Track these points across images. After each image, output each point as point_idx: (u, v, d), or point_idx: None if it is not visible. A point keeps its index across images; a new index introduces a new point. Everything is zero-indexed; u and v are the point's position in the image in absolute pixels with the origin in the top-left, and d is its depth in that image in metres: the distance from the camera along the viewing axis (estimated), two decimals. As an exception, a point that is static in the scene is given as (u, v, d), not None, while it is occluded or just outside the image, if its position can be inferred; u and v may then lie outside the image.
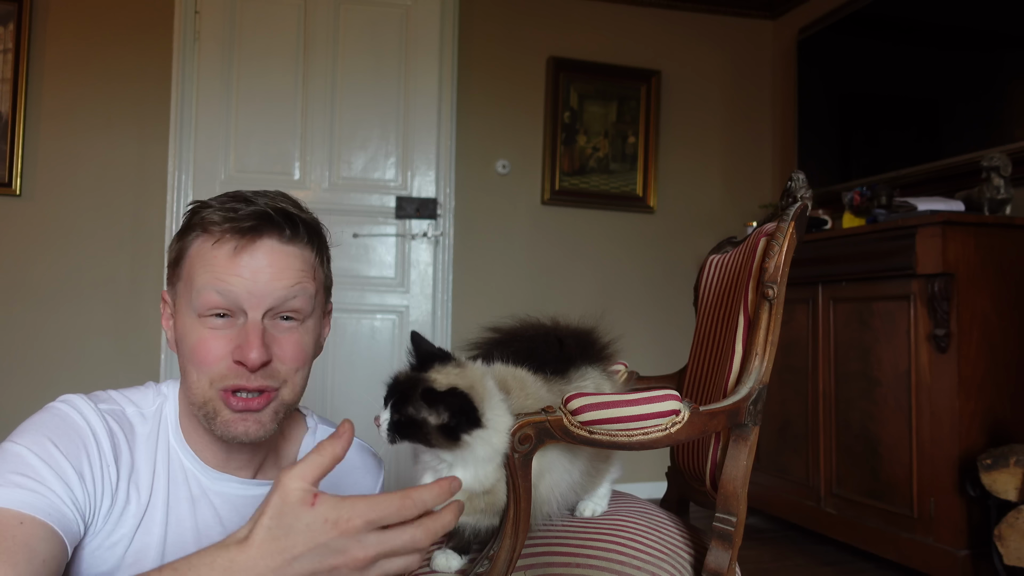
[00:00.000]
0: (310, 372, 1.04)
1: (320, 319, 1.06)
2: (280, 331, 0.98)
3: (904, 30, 3.16)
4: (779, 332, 1.06)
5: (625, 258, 3.70)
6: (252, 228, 0.96)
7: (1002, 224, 2.40)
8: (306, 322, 1.00)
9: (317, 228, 1.05)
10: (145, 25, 3.13)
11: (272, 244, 0.97)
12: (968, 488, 2.22)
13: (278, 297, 0.96)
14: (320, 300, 1.04)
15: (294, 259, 0.98)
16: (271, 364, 0.96)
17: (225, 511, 1.04)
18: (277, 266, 0.96)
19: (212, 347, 0.95)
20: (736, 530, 1.02)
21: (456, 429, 0.86)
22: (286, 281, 0.97)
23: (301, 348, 0.99)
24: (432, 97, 3.25)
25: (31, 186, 3.02)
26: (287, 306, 0.97)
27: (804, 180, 1.13)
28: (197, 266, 0.97)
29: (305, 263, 0.99)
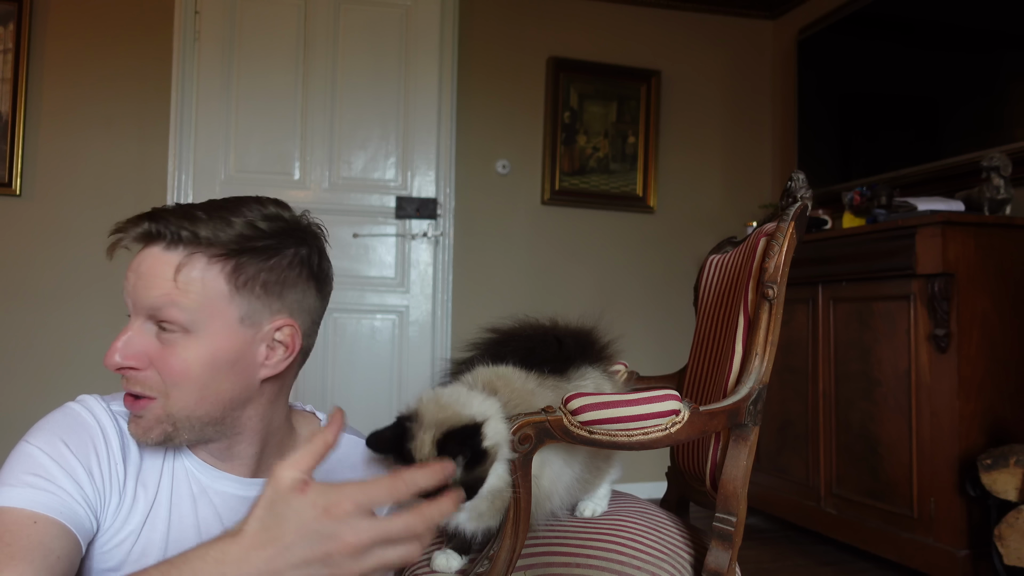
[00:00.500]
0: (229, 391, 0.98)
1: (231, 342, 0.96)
2: (163, 341, 0.95)
3: (904, 30, 3.16)
4: (779, 332, 1.06)
5: (625, 258, 3.70)
6: (139, 236, 0.97)
7: (1002, 224, 2.40)
8: (195, 337, 0.94)
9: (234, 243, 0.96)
10: (145, 25, 3.13)
11: (155, 251, 0.96)
12: (968, 488, 2.22)
13: (148, 304, 0.94)
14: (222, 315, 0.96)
15: (170, 270, 0.94)
16: (141, 371, 0.94)
17: (224, 509, 1.04)
18: (152, 273, 0.95)
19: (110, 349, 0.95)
20: (736, 530, 1.02)
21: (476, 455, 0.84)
22: (156, 289, 0.94)
23: (180, 361, 0.94)
24: (432, 97, 3.25)
25: (31, 186, 3.02)
26: (160, 314, 0.94)
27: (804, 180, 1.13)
28: None
29: (183, 277, 0.94)
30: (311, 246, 1.04)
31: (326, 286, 1.07)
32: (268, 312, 0.99)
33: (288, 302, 1.01)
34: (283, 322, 1.00)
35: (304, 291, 1.03)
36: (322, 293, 1.07)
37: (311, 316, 1.05)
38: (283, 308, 1.00)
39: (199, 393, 0.95)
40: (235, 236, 0.97)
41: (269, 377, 1.01)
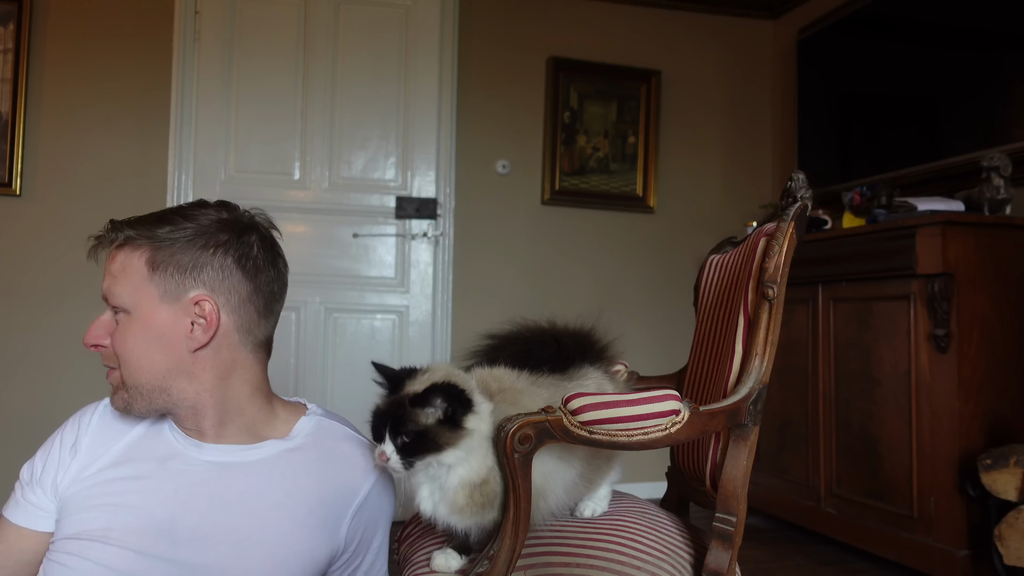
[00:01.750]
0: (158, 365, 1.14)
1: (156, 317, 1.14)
2: (118, 322, 1.16)
3: (904, 30, 3.16)
4: (779, 332, 1.06)
5: (625, 258, 3.70)
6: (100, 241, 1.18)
7: (1002, 224, 2.40)
8: (132, 316, 1.14)
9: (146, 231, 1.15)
10: (145, 25, 3.13)
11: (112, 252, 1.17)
12: (968, 488, 2.22)
13: (103, 294, 1.16)
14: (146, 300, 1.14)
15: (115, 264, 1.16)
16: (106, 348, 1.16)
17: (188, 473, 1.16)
18: (105, 270, 1.17)
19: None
20: (736, 530, 1.02)
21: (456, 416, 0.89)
22: (105, 282, 1.16)
23: (123, 337, 1.14)
24: (432, 97, 3.25)
25: (31, 186, 3.02)
26: (109, 301, 1.16)
27: (804, 180, 1.13)
28: None
29: (118, 266, 1.15)
30: (241, 238, 1.18)
31: (260, 273, 1.19)
32: (184, 289, 1.14)
33: (205, 280, 1.15)
34: (200, 296, 1.15)
35: (224, 272, 1.16)
36: (252, 277, 1.18)
37: (238, 296, 1.17)
38: (199, 285, 1.15)
39: (137, 363, 1.14)
40: (153, 229, 1.16)
41: (200, 349, 1.15)
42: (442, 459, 0.91)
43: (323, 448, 1.22)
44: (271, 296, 1.21)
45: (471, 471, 0.92)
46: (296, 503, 1.15)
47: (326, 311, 3.13)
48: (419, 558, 1.07)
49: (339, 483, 1.20)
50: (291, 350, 3.09)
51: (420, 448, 0.90)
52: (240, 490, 1.14)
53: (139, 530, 1.09)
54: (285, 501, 1.15)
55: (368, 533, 1.24)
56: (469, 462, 0.92)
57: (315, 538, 1.16)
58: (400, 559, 1.19)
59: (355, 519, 1.20)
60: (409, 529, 1.23)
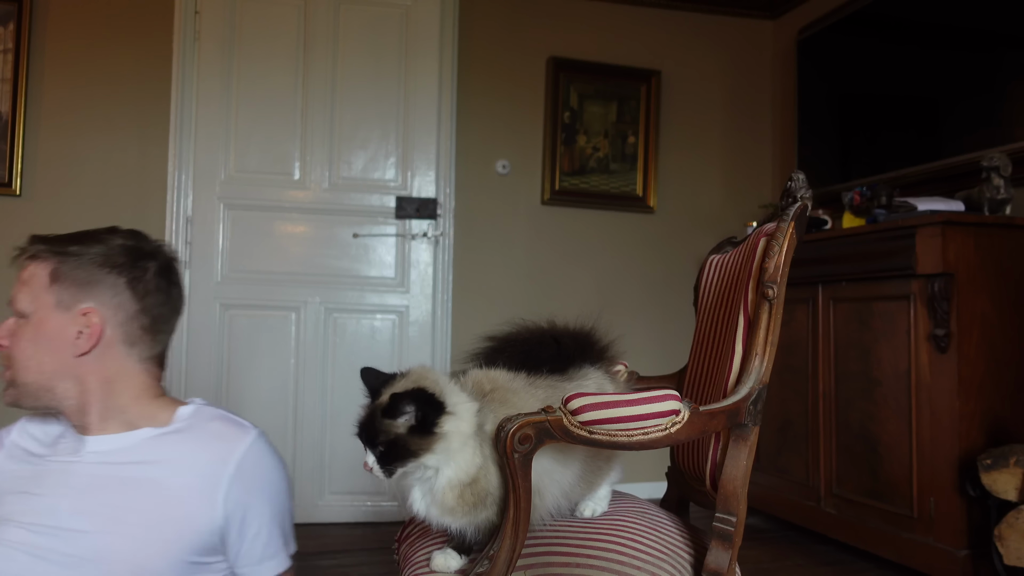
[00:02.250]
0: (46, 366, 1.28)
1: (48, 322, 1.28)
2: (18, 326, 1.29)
3: (904, 30, 3.16)
4: (779, 332, 1.06)
5: (625, 258, 3.70)
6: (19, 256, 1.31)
7: (1002, 224, 2.40)
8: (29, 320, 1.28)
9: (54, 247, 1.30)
10: (145, 25, 3.13)
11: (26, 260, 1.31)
12: (968, 488, 2.22)
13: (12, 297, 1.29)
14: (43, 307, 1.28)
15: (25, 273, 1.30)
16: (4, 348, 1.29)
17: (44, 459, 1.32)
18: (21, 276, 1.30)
19: None
20: (736, 530, 1.02)
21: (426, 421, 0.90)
22: (15, 288, 1.30)
23: (17, 340, 1.28)
24: (432, 97, 3.25)
25: (31, 186, 3.02)
26: (13, 307, 1.29)
27: (804, 180, 1.13)
28: None
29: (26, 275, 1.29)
30: (137, 263, 1.32)
31: (149, 296, 1.33)
32: (76, 300, 1.28)
33: (96, 295, 1.29)
34: (88, 308, 1.28)
35: (115, 291, 1.30)
36: (140, 299, 1.32)
37: (125, 313, 1.31)
38: (90, 299, 1.29)
39: (26, 363, 1.27)
40: (64, 246, 1.30)
41: (83, 355, 1.28)
42: (424, 463, 0.92)
43: (197, 428, 1.33)
44: (159, 317, 1.34)
45: (458, 471, 0.92)
46: (171, 476, 1.27)
47: (326, 311, 3.13)
48: (419, 558, 1.07)
49: (211, 455, 1.30)
50: (291, 350, 3.09)
51: (395, 456, 0.91)
52: (117, 471, 1.27)
53: (33, 511, 1.23)
54: (158, 476, 1.27)
55: (252, 502, 1.30)
56: (456, 462, 0.92)
57: (190, 505, 1.26)
58: (400, 559, 1.19)
59: (232, 487, 1.28)
60: (409, 529, 1.24)
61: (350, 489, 3.09)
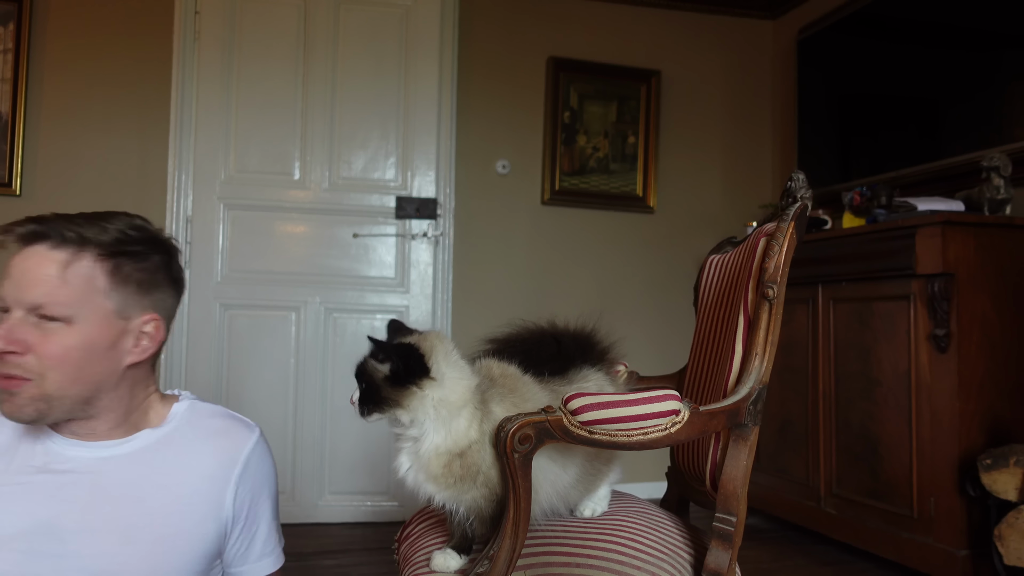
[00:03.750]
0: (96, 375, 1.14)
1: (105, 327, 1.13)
2: (44, 330, 1.09)
3: (904, 30, 3.16)
4: (779, 332, 1.06)
5: (625, 258, 3.70)
6: (25, 235, 1.11)
7: (1002, 224, 2.40)
8: (74, 327, 1.10)
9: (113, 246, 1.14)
10: (145, 25, 3.13)
11: (38, 249, 1.10)
12: (968, 488, 2.22)
13: (31, 299, 1.08)
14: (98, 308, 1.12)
15: (52, 266, 1.09)
16: (21, 356, 1.08)
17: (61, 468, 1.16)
18: (35, 272, 1.09)
19: None
20: (736, 530, 1.02)
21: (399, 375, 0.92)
22: (41, 287, 1.08)
23: (61, 348, 1.09)
24: (432, 97, 3.25)
25: (31, 186, 3.02)
26: (45, 309, 1.08)
27: (804, 180, 1.13)
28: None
29: (62, 271, 1.09)
30: (171, 255, 1.23)
31: (182, 290, 1.26)
32: (139, 307, 1.17)
33: (155, 300, 1.19)
34: (150, 317, 1.18)
35: (166, 292, 1.21)
36: (178, 296, 1.25)
37: (170, 314, 1.23)
38: (151, 305, 1.18)
39: (74, 375, 1.10)
40: (114, 239, 1.14)
41: (132, 364, 1.17)
42: (398, 416, 0.94)
43: (197, 427, 1.25)
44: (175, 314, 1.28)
45: (446, 439, 0.93)
46: (177, 483, 1.19)
47: (326, 311, 3.13)
48: (419, 558, 1.07)
49: (218, 455, 1.24)
50: (291, 350, 3.09)
51: (369, 399, 0.94)
52: (120, 480, 1.17)
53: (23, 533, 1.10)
54: (166, 483, 1.19)
55: (257, 500, 1.28)
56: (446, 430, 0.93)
57: (199, 513, 1.20)
58: (400, 559, 1.19)
59: (240, 486, 1.24)
60: (409, 529, 1.23)
61: (350, 489, 3.09)
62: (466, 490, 0.94)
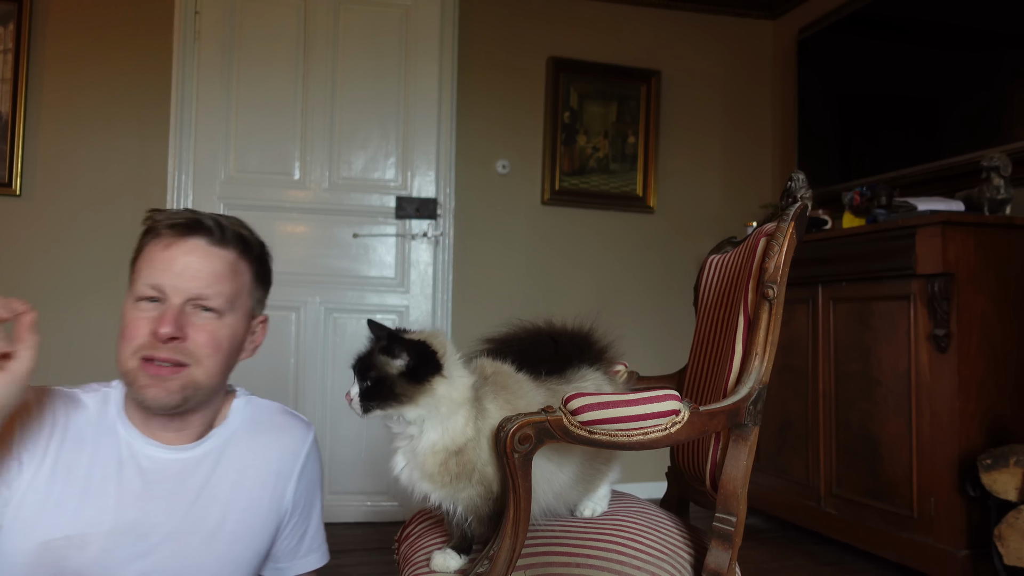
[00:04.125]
0: (230, 367, 1.20)
1: (244, 323, 1.21)
2: (199, 319, 1.14)
3: (904, 30, 3.16)
4: (779, 332, 1.06)
5: (625, 258, 3.70)
6: (184, 227, 1.15)
7: (1002, 224, 2.40)
8: (224, 318, 1.16)
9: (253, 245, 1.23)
10: (145, 25, 3.13)
11: (199, 243, 1.15)
12: (968, 488, 2.22)
13: (196, 290, 1.13)
14: (243, 305, 1.20)
15: (216, 260, 1.16)
16: (183, 342, 1.12)
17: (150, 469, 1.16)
18: (199, 264, 1.14)
19: (139, 325, 1.12)
20: (736, 530, 1.02)
21: (417, 371, 0.92)
22: (204, 279, 1.14)
23: (214, 337, 1.14)
24: (432, 97, 3.25)
25: (31, 186, 3.02)
26: (205, 299, 1.13)
27: (804, 180, 1.13)
28: (142, 262, 1.17)
29: (227, 266, 1.17)
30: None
31: None
32: (260, 307, 1.26)
33: (264, 300, 1.27)
34: (264, 317, 1.28)
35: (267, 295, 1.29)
36: None
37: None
38: (263, 305, 1.27)
39: (220, 366, 1.16)
40: (258, 242, 1.24)
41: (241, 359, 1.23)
42: (404, 413, 0.93)
43: (261, 423, 1.28)
44: None
45: (444, 436, 0.93)
46: (248, 479, 1.21)
47: (326, 311, 3.13)
48: (419, 558, 1.07)
49: (282, 450, 1.26)
50: (291, 350, 3.09)
51: (378, 394, 0.92)
52: (199, 480, 1.18)
53: (110, 531, 1.10)
54: (238, 480, 1.21)
55: (310, 496, 1.30)
56: (444, 427, 0.93)
57: (266, 508, 1.23)
58: (400, 559, 1.19)
59: (300, 481, 1.27)
60: (409, 529, 1.23)
61: (350, 489, 3.09)
62: (461, 488, 0.94)
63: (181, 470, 1.18)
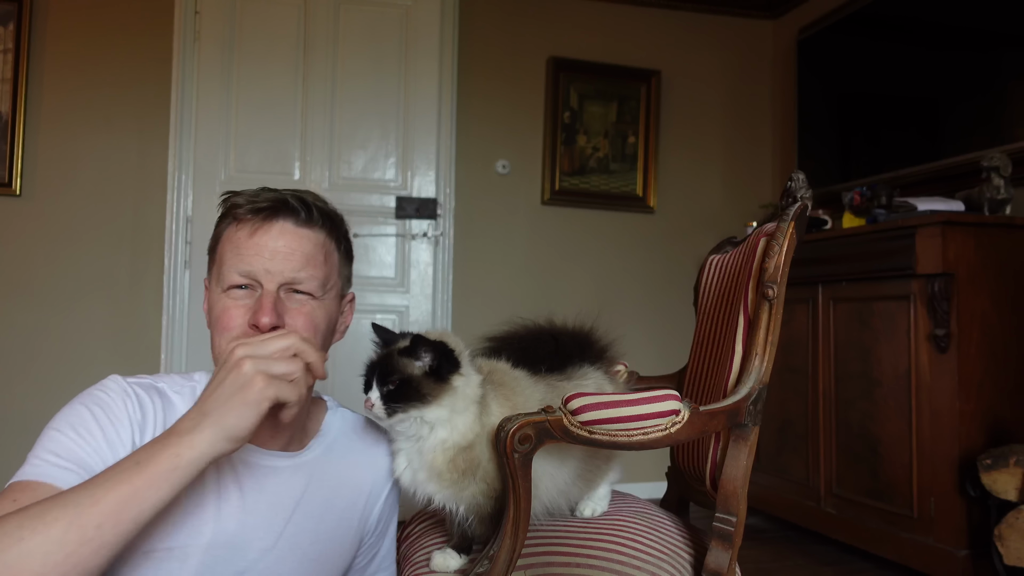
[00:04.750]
0: (326, 350, 1.13)
1: (336, 303, 1.14)
2: (293, 303, 1.07)
3: (904, 30, 3.16)
4: (779, 332, 1.06)
5: (625, 258, 3.70)
6: (270, 210, 1.08)
7: (1002, 224, 2.40)
8: (320, 300, 1.09)
9: (338, 222, 1.15)
10: (145, 25, 3.13)
11: (287, 225, 1.08)
12: (968, 488, 2.22)
13: (290, 273, 1.06)
14: (335, 285, 1.13)
15: (306, 241, 1.08)
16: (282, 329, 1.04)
17: (246, 478, 1.09)
18: (290, 246, 1.07)
19: (234, 314, 1.05)
20: (736, 530, 1.02)
21: (440, 369, 0.92)
22: (297, 261, 1.07)
23: (312, 321, 1.07)
24: (432, 97, 3.25)
25: (31, 186, 3.02)
26: (299, 283, 1.07)
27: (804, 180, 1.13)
28: (226, 248, 1.09)
29: (317, 247, 1.09)
30: None
31: None
32: (348, 285, 1.19)
33: (351, 278, 1.20)
34: (351, 295, 1.21)
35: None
36: None
37: None
38: (350, 283, 1.20)
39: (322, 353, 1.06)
40: (342, 219, 1.16)
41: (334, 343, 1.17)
42: (424, 414, 0.92)
43: (354, 439, 1.20)
44: None
45: (454, 433, 0.93)
46: (341, 499, 1.16)
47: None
48: (419, 558, 1.07)
49: (374, 469, 1.20)
50: (291, 350, 3.09)
51: (403, 396, 0.92)
52: (294, 496, 1.11)
53: (212, 545, 1.03)
54: (331, 498, 1.15)
55: (389, 516, 1.26)
56: (454, 424, 0.93)
57: (354, 527, 1.18)
58: (400, 559, 1.19)
59: (385, 503, 1.23)
60: (409, 529, 1.23)
61: (350, 489, 3.09)
62: (466, 486, 0.94)
63: (277, 482, 1.10)
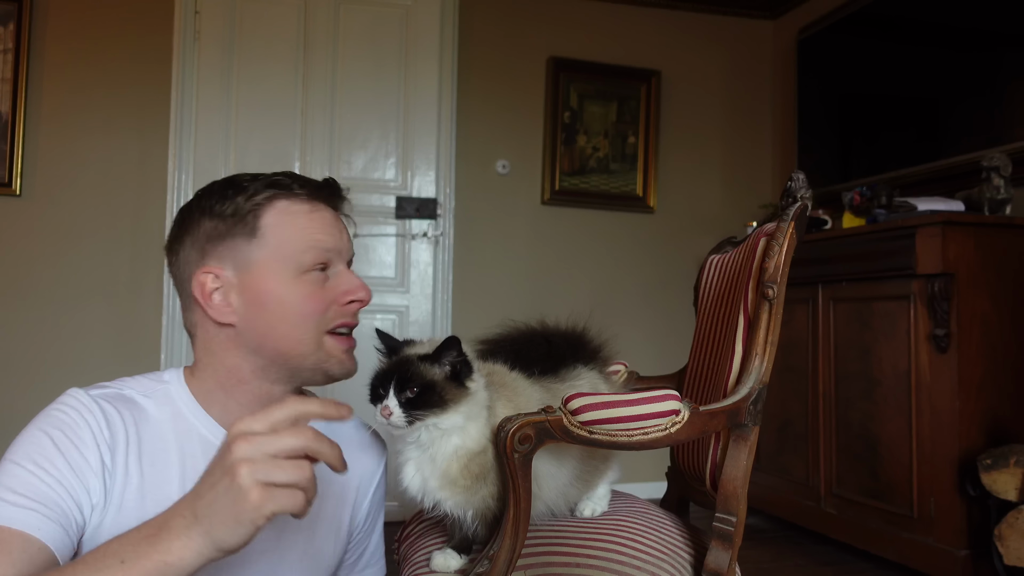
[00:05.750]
0: None
1: None
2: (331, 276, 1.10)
3: (904, 30, 3.16)
4: (779, 332, 1.06)
5: (625, 258, 3.70)
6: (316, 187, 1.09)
7: (1002, 224, 2.40)
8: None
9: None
10: (145, 25, 3.13)
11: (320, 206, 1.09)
12: (968, 488, 2.22)
13: (350, 249, 1.12)
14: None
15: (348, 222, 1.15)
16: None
17: None
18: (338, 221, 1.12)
19: (321, 296, 1.05)
20: (736, 530, 1.02)
21: (461, 375, 0.93)
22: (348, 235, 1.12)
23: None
24: (432, 97, 3.25)
25: (31, 186, 3.02)
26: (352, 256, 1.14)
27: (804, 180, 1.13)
28: (288, 229, 1.04)
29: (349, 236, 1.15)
30: None
31: None
32: None
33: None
34: None
35: None
36: None
37: None
38: None
39: None
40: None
41: None
42: (441, 422, 0.91)
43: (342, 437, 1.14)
44: None
45: (467, 439, 0.92)
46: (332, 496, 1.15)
47: (326, 311, 3.13)
48: (419, 558, 1.07)
49: (363, 467, 1.21)
50: (291, 350, 3.09)
51: (425, 402, 0.90)
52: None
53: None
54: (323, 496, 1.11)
55: (376, 513, 1.26)
56: (467, 429, 0.92)
57: (345, 524, 1.18)
58: (400, 559, 1.19)
59: (373, 498, 1.23)
60: (409, 529, 1.23)
61: (350, 489, 3.09)
62: (478, 490, 0.94)
63: None
